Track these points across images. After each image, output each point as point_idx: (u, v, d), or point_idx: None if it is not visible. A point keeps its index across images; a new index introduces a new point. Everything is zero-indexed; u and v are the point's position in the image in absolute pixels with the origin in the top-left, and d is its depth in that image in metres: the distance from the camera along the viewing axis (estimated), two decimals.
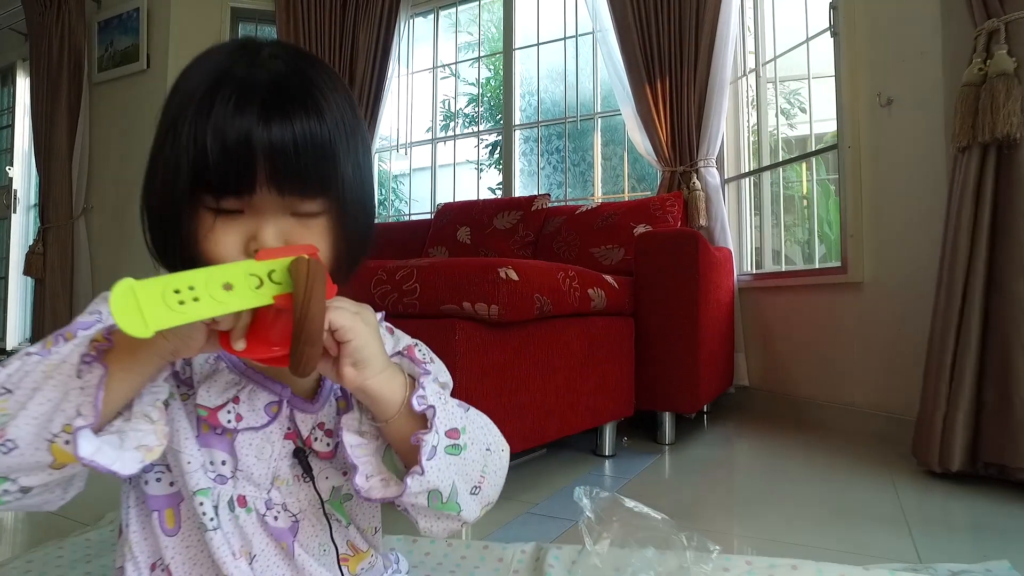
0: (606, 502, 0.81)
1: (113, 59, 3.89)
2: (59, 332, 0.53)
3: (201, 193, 0.50)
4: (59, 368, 0.45)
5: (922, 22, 1.85)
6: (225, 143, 0.48)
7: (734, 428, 2.24)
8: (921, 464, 1.54)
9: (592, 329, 1.62)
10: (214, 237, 0.51)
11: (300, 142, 0.50)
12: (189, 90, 0.51)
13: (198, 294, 0.43)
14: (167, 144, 0.50)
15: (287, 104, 0.50)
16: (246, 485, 0.56)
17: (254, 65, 0.51)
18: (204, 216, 0.51)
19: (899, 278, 1.94)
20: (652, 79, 2.69)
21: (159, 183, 0.51)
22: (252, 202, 0.50)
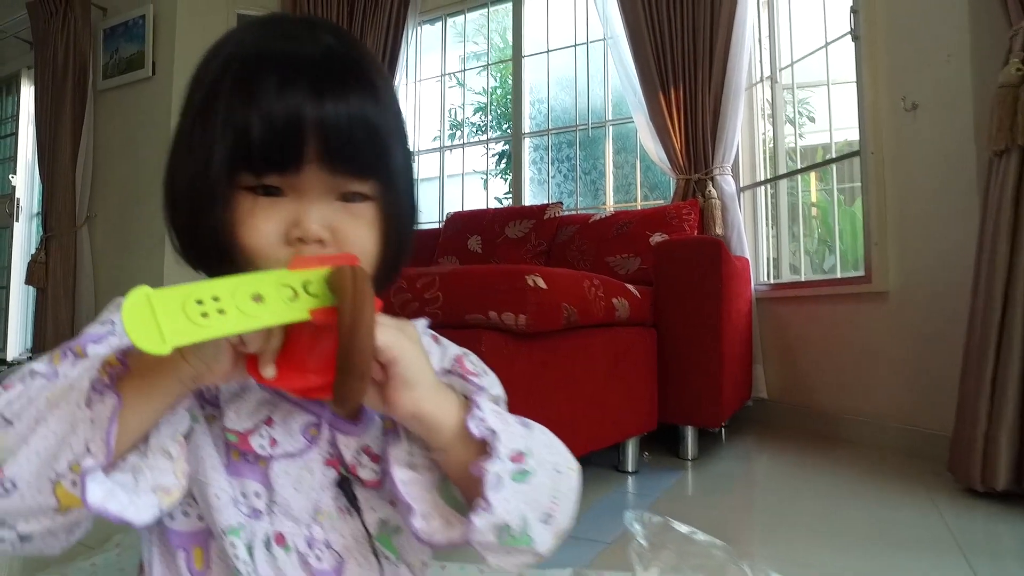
0: (657, 527, 0.75)
1: (118, 66, 3.85)
2: (67, 345, 0.48)
3: (240, 171, 0.45)
4: (66, 395, 0.40)
5: (948, 24, 1.81)
6: (272, 114, 0.43)
7: (755, 442, 2.18)
8: (960, 482, 1.47)
9: (616, 340, 1.56)
10: (252, 221, 0.45)
11: (355, 116, 0.46)
12: (224, 65, 0.46)
13: (223, 306, 0.37)
14: (200, 121, 0.46)
15: (341, 76, 0.46)
16: (284, 520, 0.48)
17: (298, 38, 0.47)
18: (242, 198, 0.46)
19: (927, 287, 1.89)
20: (666, 86, 2.65)
21: (191, 163, 0.46)
22: (296, 182, 0.46)
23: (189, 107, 0.47)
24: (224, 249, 0.46)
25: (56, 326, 3.82)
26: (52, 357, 0.47)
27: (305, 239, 0.45)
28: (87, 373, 0.41)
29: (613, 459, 1.75)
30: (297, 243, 0.46)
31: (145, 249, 3.65)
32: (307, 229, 0.45)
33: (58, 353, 0.47)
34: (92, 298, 3.88)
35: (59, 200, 3.87)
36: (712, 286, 1.81)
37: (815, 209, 3.53)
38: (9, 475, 0.38)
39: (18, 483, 0.38)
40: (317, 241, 0.46)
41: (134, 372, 0.41)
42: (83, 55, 3.87)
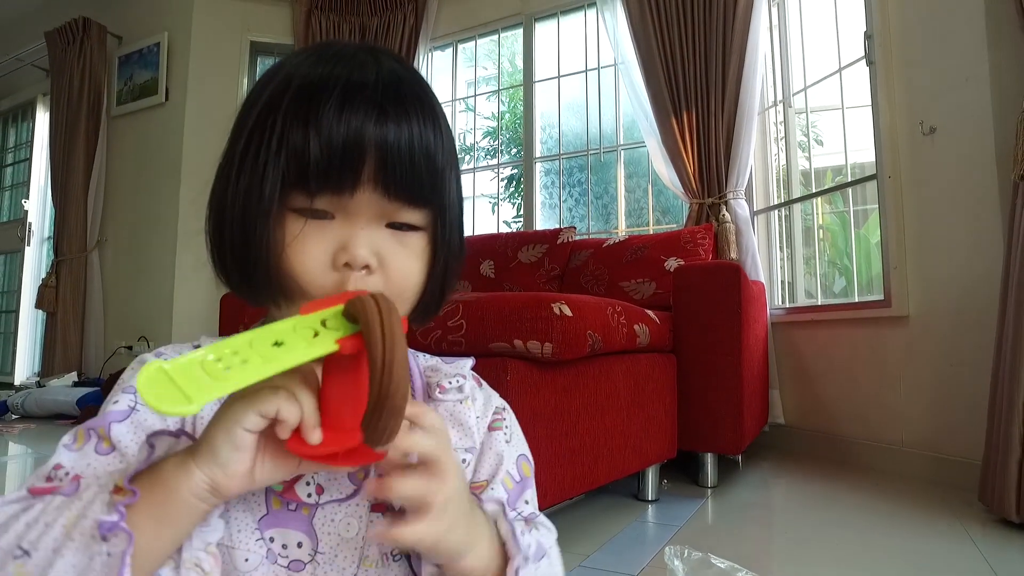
0: (697, 563, 0.72)
1: (132, 93, 3.90)
2: (91, 425, 0.45)
3: (293, 191, 0.44)
4: (79, 526, 0.37)
5: (965, 48, 1.81)
6: (332, 132, 0.43)
7: (774, 469, 2.14)
8: (993, 512, 1.43)
9: (637, 367, 1.54)
10: (300, 244, 0.44)
11: (417, 142, 0.45)
12: (282, 85, 0.45)
13: (244, 356, 0.35)
14: (255, 139, 0.44)
15: (403, 100, 0.45)
16: (328, 570, 0.46)
17: (361, 62, 0.46)
18: (292, 219, 0.44)
19: (949, 311, 1.86)
20: (678, 111, 2.66)
21: (243, 181, 0.44)
22: (349, 205, 0.44)
23: (242, 127, 0.46)
24: (271, 271, 0.44)
25: (65, 350, 3.81)
26: (76, 436, 0.45)
27: (352, 264, 0.44)
28: (99, 497, 0.38)
29: (633, 488, 1.72)
30: (344, 268, 0.44)
31: (155, 274, 3.66)
32: (355, 254, 0.44)
33: (82, 432, 0.45)
34: (101, 322, 3.88)
35: (70, 224, 3.90)
36: (731, 311, 1.79)
37: (824, 232, 3.52)
38: None
39: None
40: (364, 267, 0.44)
41: (145, 499, 0.37)
42: (98, 82, 3.92)
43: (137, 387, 0.32)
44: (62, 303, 3.85)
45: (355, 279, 0.44)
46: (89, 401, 3.15)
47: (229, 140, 0.47)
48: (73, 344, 3.83)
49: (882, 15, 2.07)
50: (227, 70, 3.71)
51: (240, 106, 0.48)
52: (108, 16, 3.98)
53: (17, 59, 4.49)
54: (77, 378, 3.61)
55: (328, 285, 0.44)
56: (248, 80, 3.77)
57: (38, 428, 3.01)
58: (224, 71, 3.70)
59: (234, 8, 3.72)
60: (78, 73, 3.93)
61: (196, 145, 3.60)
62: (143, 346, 3.62)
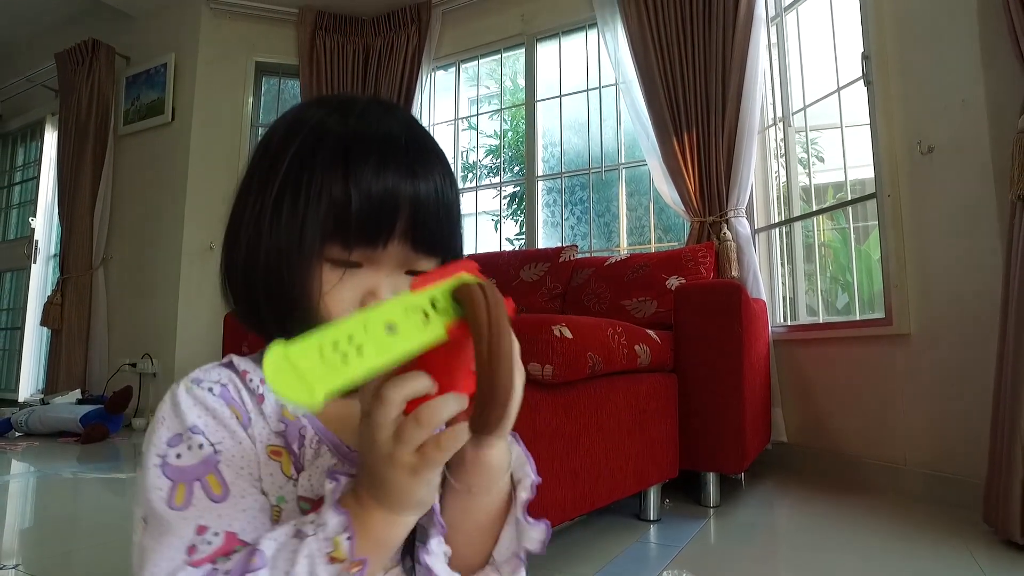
0: None
1: (139, 112, 3.95)
2: (185, 479, 0.44)
3: (329, 243, 0.47)
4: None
5: (960, 70, 1.83)
6: (371, 190, 0.47)
7: (777, 488, 2.13)
8: (998, 534, 1.42)
9: (638, 386, 1.54)
10: (336, 292, 0.48)
11: (440, 197, 0.50)
12: (312, 141, 0.49)
13: (360, 342, 0.35)
14: (288, 193, 0.48)
15: (427, 157, 0.51)
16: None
17: (383, 119, 0.51)
18: (328, 270, 0.48)
19: (950, 330, 1.86)
20: (679, 130, 2.68)
21: (283, 234, 0.47)
22: (376, 256, 0.49)
23: (270, 176, 0.49)
24: (307, 316, 0.47)
25: (69, 367, 3.83)
26: (174, 495, 0.43)
27: None
28: (317, 562, 0.40)
29: (635, 508, 1.71)
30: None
31: (159, 292, 3.68)
32: (380, 298, 0.48)
33: (182, 488, 0.44)
34: (105, 340, 3.90)
35: (76, 242, 3.93)
36: (733, 330, 1.80)
37: (826, 248, 3.52)
38: None
39: None
40: None
41: (370, 558, 0.41)
42: (106, 102, 3.98)
43: (265, 374, 0.33)
44: (67, 320, 3.87)
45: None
46: (92, 419, 3.15)
47: (252, 186, 0.50)
48: (77, 361, 3.85)
49: (878, 36, 2.10)
50: (232, 90, 3.76)
51: (257, 153, 0.52)
52: (117, 38, 4.05)
53: (28, 80, 4.56)
54: (81, 395, 3.62)
55: None
56: (253, 100, 3.82)
57: (41, 445, 3.02)
58: (229, 91, 3.75)
59: (239, 29, 3.78)
60: (86, 93, 3.98)
61: (201, 164, 3.64)
62: (147, 363, 3.64)
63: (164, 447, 0.45)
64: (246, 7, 3.72)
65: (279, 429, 0.49)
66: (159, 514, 0.43)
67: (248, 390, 0.49)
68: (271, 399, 0.49)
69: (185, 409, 0.46)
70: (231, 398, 0.48)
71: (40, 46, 4.51)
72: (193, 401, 0.47)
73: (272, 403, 0.49)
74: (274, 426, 0.49)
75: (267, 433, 0.48)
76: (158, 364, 3.63)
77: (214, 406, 0.47)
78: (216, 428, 0.46)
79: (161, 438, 0.45)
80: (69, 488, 2.17)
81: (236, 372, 0.50)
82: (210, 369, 0.50)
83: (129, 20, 4.07)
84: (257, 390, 0.49)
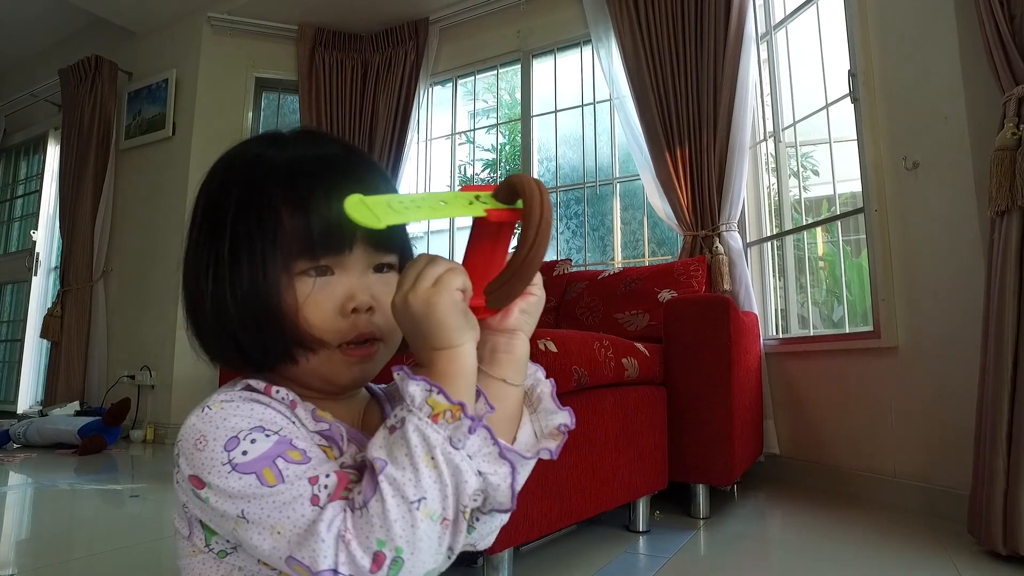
0: None
1: (140, 127, 4.00)
2: (268, 461, 0.45)
3: (297, 259, 0.51)
4: (439, 453, 0.44)
5: (943, 87, 1.86)
6: (328, 213, 0.51)
7: (768, 500, 2.14)
8: (982, 544, 1.44)
9: (626, 399, 1.57)
10: (314, 299, 0.52)
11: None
12: (254, 181, 0.53)
13: (418, 204, 0.45)
14: (241, 237, 0.51)
15: (371, 170, 0.57)
16: None
17: (316, 144, 0.56)
18: (301, 282, 0.52)
19: (936, 343, 1.89)
20: (672, 145, 2.72)
21: (246, 277, 0.51)
22: (344, 260, 0.53)
23: (219, 226, 0.52)
24: (288, 331, 0.51)
25: (68, 379, 3.85)
26: (264, 478, 0.45)
27: (359, 309, 0.53)
28: (420, 425, 0.44)
29: (624, 519, 1.73)
30: (352, 314, 0.52)
31: (159, 304, 3.71)
32: (361, 300, 0.52)
33: (268, 470, 0.45)
34: (105, 352, 3.92)
35: (77, 255, 3.97)
36: (721, 344, 1.82)
37: (823, 263, 3.55)
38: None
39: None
40: (368, 309, 0.53)
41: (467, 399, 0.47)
42: (108, 117, 4.03)
43: (345, 208, 0.41)
44: (67, 332, 3.90)
45: (365, 321, 0.53)
46: (90, 430, 3.17)
47: (202, 237, 0.54)
48: (76, 373, 3.87)
49: (864, 54, 2.14)
50: (233, 106, 3.81)
51: (199, 199, 0.55)
52: (119, 54, 4.11)
53: (31, 95, 4.62)
54: (79, 407, 3.64)
55: (343, 329, 0.52)
56: (253, 115, 3.87)
57: (39, 457, 3.03)
58: (230, 107, 3.81)
59: (240, 46, 3.84)
60: (89, 108, 4.04)
61: (201, 178, 3.67)
62: (145, 375, 3.66)
63: (225, 455, 0.45)
64: (246, 24, 3.78)
65: (320, 429, 0.52)
66: (264, 496, 0.44)
67: (278, 400, 0.52)
68: (300, 404, 0.53)
69: (228, 418, 0.47)
70: (268, 403, 0.51)
71: (44, 62, 4.58)
72: (235, 406, 0.49)
73: (303, 407, 0.52)
74: (313, 427, 0.52)
75: (307, 433, 0.51)
76: (156, 376, 3.65)
77: (265, 402, 0.50)
78: (273, 418, 0.49)
79: (215, 451, 0.46)
80: (66, 499, 2.18)
81: (258, 391, 0.52)
82: (227, 390, 0.52)
83: (131, 37, 4.14)
84: (286, 399, 0.52)
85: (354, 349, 0.53)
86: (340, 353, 0.53)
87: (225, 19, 3.76)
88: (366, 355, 0.54)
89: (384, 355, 0.56)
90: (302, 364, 0.52)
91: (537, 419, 0.56)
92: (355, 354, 0.53)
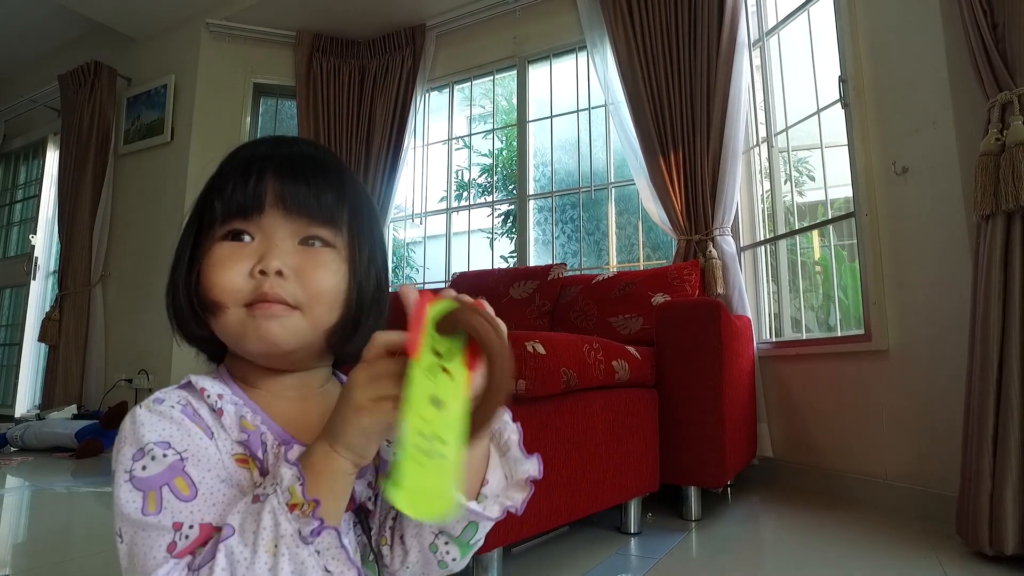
0: None
1: (139, 132, 4.02)
2: (153, 487, 0.48)
3: (211, 227, 0.55)
4: (282, 544, 0.44)
5: (930, 94, 1.89)
6: (236, 163, 0.56)
7: (761, 503, 2.15)
8: (969, 545, 1.46)
9: (616, 402, 1.58)
10: (223, 261, 0.54)
11: (308, 163, 0.56)
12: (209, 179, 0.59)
13: (430, 430, 0.40)
14: (192, 212, 0.58)
15: (295, 141, 0.59)
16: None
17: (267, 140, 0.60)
18: (218, 246, 0.54)
19: (926, 346, 1.90)
20: (666, 150, 2.74)
21: (178, 245, 0.57)
22: (259, 224, 0.54)
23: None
24: (195, 292, 0.55)
25: (66, 383, 3.86)
26: (147, 502, 0.47)
27: (266, 272, 0.52)
28: (279, 515, 0.44)
29: (616, 520, 1.74)
30: (259, 275, 0.53)
31: (156, 308, 3.69)
32: (269, 263, 0.52)
33: (152, 495, 0.47)
34: (102, 356, 3.93)
35: (76, 259, 3.98)
36: (712, 347, 1.84)
37: (819, 267, 3.57)
38: None
39: None
40: (277, 273, 0.53)
41: (315, 486, 0.46)
42: (107, 122, 4.05)
43: (404, 511, 0.40)
44: (64, 336, 3.91)
45: (269, 283, 0.52)
46: (87, 434, 3.18)
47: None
48: (74, 377, 3.88)
49: (854, 60, 2.16)
50: (231, 111, 3.84)
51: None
52: (118, 59, 4.14)
53: (31, 100, 4.65)
54: (77, 411, 3.65)
55: (246, 289, 0.53)
56: (251, 120, 3.89)
57: (36, 461, 3.04)
58: (228, 112, 3.83)
59: (238, 52, 3.86)
60: (88, 113, 4.06)
61: (199, 183, 3.52)
62: (143, 379, 3.67)
63: (130, 463, 0.48)
64: (245, 30, 3.81)
65: (241, 439, 0.53)
66: (137, 523, 0.47)
67: (207, 406, 0.53)
68: (230, 411, 0.53)
69: (146, 426, 0.50)
70: (192, 415, 0.52)
71: (43, 68, 4.60)
72: (157, 417, 0.50)
73: (231, 415, 0.53)
74: (236, 436, 0.53)
75: (230, 444, 0.52)
76: (154, 380, 3.66)
77: (180, 418, 0.51)
78: (182, 437, 0.50)
79: (126, 455, 0.49)
80: (63, 502, 2.19)
81: (195, 392, 0.54)
82: (170, 391, 0.54)
83: (130, 43, 4.16)
84: (215, 405, 0.53)
85: (259, 309, 0.53)
86: (246, 312, 0.53)
87: (223, 25, 3.78)
88: (265, 309, 0.52)
89: (301, 326, 0.53)
90: (218, 330, 0.55)
91: (507, 463, 0.56)
92: (255, 309, 0.53)
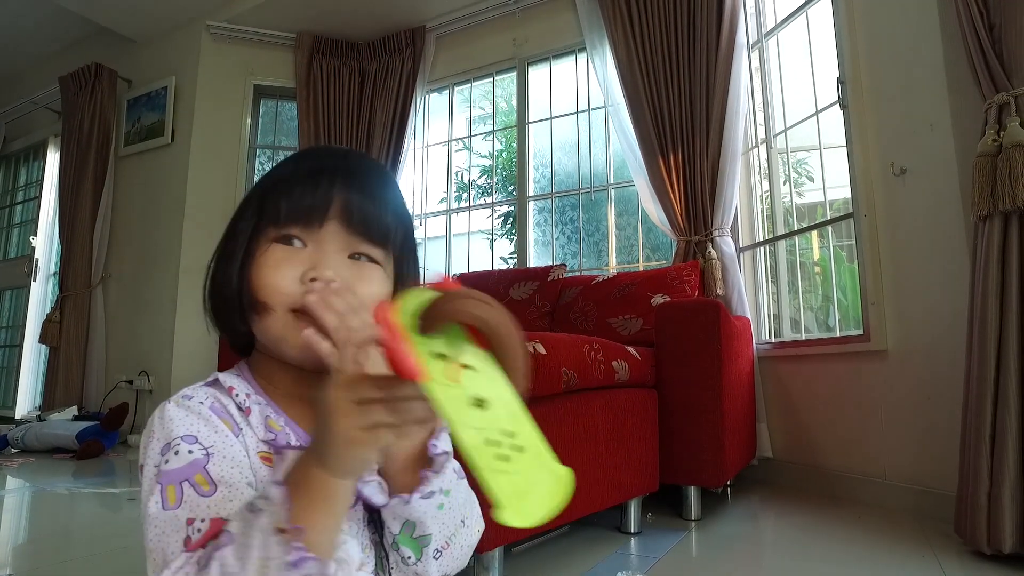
0: None
1: (139, 134, 4.03)
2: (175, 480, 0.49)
3: (266, 228, 0.56)
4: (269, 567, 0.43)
5: (928, 95, 1.90)
6: (307, 170, 0.56)
7: (760, 502, 2.16)
8: (967, 544, 1.46)
9: (616, 402, 1.59)
10: (276, 263, 0.54)
11: (376, 190, 0.57)
12: (256, 185, 0.60)
13: (499, 430, 0.39)
14: (236, 216, 0.58)
15: (362, 159, 0.60)
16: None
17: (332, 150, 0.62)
18: (271, 248, 0.55)
19: (924, 346, 1.91)
20: (665, 151, 2.75)
21: (226, 242, 0.57)
22: (316, 235, 0.55)
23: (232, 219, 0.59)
24: (242, 292, 0.55)
25: (66, 384, 3.87)
26: (166, 497, 0.48)
27: (320, 279, 0.53)
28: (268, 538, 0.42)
29: (615, 520, 1.75)
30: (309, 282, 0.53)
31: (157, 310, 3.73)
32: (322, 272, 0.53)
33: (172, 489, 0.48)
34: (103, 357, 3.94)
35: (76, 260, 3.99)
36: (712, 347, 1.84)
37: (818, 267, 3.57)
38: None
39: None
40: (328, 284, 0.53)
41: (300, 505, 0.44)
42: (107, 124, 4.06)
43: (511, 523, 0.38)
44: (65, 338, 3.92)
45: (317, 288, 0.52)
46: (88, 435, 3.19)
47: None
48: (75, 378, 3.89)
49: (852, 62, 2.17)
50: (231, 113, 3.84)
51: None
52: (119, 61, 4.15)
53: (31, 102, 4.66)
54: (77, 412, 3.65)
55: (295, 293, 0.53)
56: (251, 122, 3.91)
57: (37, 462, 3.05)
58: (228, 114, 3.84)
59: (238, 54, 3.87)
60: (88, 115, 4.07)
61: (200, 185, 3.71)
62: (143, 380, 3.68)
63: (158, 457, 0.50)
64: (245, 32, 3.82)
65: (268, 438, 0.54)
66: (157, 518, 0.48)
67: (235, 404, 0.54)
68: (256, 411, 0.54)
69: (175, 421, 0.51)
70: (221, 412, 0.53)
71: (44, 70, 4.61)
72: (185, 412, 0.52)
73: (258, 414, 0.54)
74: (262, 435, 0.54)
75: (255, 442, 0.53)
76: (154, 381, 3.67)
77: (208, 415, 0.52)
78: (209, 433, 0.51)
79: (155, 449, 0.50)
80: (64, 503, 2.20)
81: (223, 389, 0.55)
82: (198, 387, 0.55)
83: (131, 45, 4.17)
84: (243, 404, 0.54)
85: (305, 317, 0.53)
86: (293, 317, 0.53)
87: (224, 27, 3.79)
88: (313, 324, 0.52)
89: None
90: (259, 329, 0.55)
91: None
92: (303, 321, 0.52)
